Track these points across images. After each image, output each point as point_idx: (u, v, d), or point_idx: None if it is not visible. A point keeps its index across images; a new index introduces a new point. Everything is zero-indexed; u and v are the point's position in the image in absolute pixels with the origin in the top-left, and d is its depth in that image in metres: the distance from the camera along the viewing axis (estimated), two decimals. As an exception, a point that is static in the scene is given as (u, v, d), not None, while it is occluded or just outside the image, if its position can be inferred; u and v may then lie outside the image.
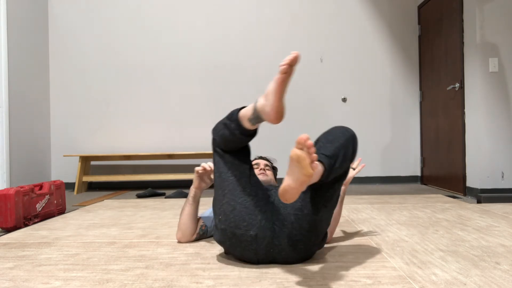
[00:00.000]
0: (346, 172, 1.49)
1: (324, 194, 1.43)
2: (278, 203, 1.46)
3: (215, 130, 1.54)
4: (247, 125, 1.40)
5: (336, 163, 1.36)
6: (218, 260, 1.62)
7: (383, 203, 3.07)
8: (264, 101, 1.30)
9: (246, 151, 1.55)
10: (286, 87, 1.25)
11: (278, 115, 1.26)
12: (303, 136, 1.12)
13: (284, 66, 1.21)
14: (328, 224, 1.52)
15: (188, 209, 1.82)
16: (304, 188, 1.18)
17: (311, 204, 1.42)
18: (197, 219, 1.87)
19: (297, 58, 1.20)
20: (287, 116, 4.52)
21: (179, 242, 1.88)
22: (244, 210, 1.43)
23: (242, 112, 1.42)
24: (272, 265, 1.53)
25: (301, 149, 1.13)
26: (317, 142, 1.46)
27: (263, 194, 1.48)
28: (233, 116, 1.45)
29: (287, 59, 1.20)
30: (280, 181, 2.06)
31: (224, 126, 1.48)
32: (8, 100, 3.81)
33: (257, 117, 1.35)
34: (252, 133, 1.46)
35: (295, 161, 1.13)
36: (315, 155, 1.14)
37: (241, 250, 1.48)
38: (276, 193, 1.51)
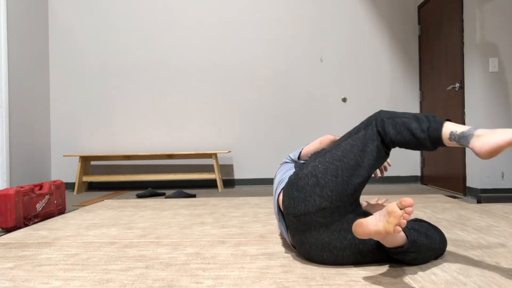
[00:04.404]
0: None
1: (368, 255, 1.47)
2: (355, 216, 1.47)
3: (393, 113, 1.47)
4: (445, 135, 1.35)
5: (413, 253, 1.41)
6: (218, 260, 1.62)
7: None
8: (489, 133, 1.26)
9: (385, 158, 1.50)
10: None
11: (490, 155, 1.25)
12: (411, 201, 1.19)
13: None
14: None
15: (318, 147, 1.83)
16: (374, 237, 1.24)
17: (362, 244, 1.45)
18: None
19: None
20: (287, 116, 4.53)
21: None
22: (340, 186, 1.43)
23: (449, 122, 1.38)
24: (272, 265, 1.53)
25: (401, 209, 1.21)
26: (420, 221, 1.55)
27: (357, 199, 1.49)
28: (435, 118, 1.39)
29: None
30: None
31: (414, 117, 1.41)
32: (8, 100, 3.82)
33: (463, 137, 1.30)
34: (435, 145, 1.38)
35: (387, 213, 1.22)
36: (404, 221, 1.19)
37: (302, 198, 1.46)
38: (358, 206, 1.54)
